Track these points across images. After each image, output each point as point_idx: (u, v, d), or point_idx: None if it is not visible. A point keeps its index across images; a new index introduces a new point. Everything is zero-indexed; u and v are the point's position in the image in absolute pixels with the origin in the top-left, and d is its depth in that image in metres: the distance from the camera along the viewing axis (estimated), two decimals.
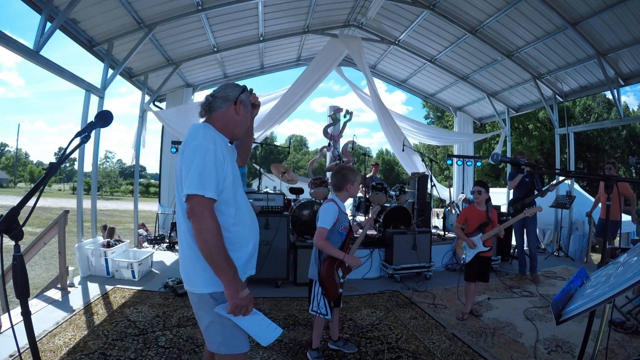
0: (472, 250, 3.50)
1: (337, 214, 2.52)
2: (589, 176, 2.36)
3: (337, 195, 2.65)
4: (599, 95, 26.31)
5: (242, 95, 1.67)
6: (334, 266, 2.52)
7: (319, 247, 2.50)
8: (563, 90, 7.23)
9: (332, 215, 2.49)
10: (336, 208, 2.54)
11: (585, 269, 1.66)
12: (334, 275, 2.52)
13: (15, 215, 1.15)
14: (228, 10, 5.74)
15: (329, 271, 2.51)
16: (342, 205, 2.62)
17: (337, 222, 2.52)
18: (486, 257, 3.57)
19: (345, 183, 2.61)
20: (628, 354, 2.85)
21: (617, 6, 4.82)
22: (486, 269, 3.62)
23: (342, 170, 2.67)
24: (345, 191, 2.63)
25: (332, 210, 2.52)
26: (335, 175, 2.70)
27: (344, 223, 2.60)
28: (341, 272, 2.57)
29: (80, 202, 5.01)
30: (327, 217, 2.49)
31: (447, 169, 22.89)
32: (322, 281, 2.50)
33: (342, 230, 2.58)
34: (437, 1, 6.09)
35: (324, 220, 2.48)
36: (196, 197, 1.41)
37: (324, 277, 2.50)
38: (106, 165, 42.34)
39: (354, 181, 2.61)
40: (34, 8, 3.98)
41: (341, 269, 2.57)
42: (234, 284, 1.42)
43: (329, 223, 2.47)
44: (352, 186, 2.61)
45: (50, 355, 2.61)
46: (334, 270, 2.52)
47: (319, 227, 2.48)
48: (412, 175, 6.94)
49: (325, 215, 2.49)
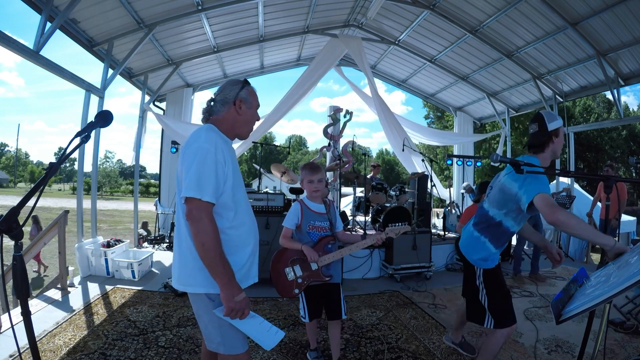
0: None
1: (299, 213, 2.47)
2: (589, 176, 2.35)
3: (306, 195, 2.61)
4: (599, 95, 26.34)
5: (241, 93, 1.65)
6: (288, 261, 2.40)
7: (281, 245, 2.48)
8: (563, 90, 7.24)
9: (293, 215, 2.48)
10: (298, 207, 2.50)
11: (585, 269, 1.66)
12: (286, 270, 2.38)
13: (15, 215, 1.15)
14: (228, 10, 5.74)
15: (279, 264, 2.41)
16: (311, 204, 2.52)
17: (303, 221, 2.47)
18: None
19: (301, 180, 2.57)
20: (628, 354, 2.85)
21: (617, 6, 4.83)
22: None
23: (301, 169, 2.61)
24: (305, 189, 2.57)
25: (293, 209, 2.51)
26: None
27: (312, 222, 2.49)
28: (299, 271, 2.39)
29: (80, 202, 5.01)
30: (287, 216, 2.50)
31: (447, 169, 22.89)
32: (270, 273, 2.41)
33: (312, 229, 2.49)
34: (437, 1, 6.10)
35: (286, 219, 2.50)
36: (194, 201, 1.41)
37: (271, 269, 2.41)
38: (106, 165, 42.38)
39: (302, 179, 2.54)
40: (34, 8, 3.99)
41: (300, 267, 2.40)
42: (229, 288, 1.43)
43: (288, 222, 2.47)
44: (305, 184, 2.52)
45: (50, 355, 2.61)
46: (288, 265, 2.39)
47: (283, 226, 2.50)
48: (412, 175, 6.94)
49: (287, 215, 2.51)
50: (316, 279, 2.43)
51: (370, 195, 6.30)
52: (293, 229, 2.48)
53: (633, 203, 24.61)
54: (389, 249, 5.01)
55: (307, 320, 2.53)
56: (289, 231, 2.48)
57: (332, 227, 2.54)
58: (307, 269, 2.41)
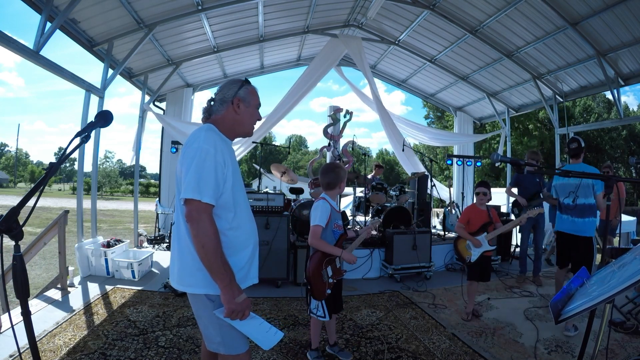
0: (477, 250, 3.51)
1: (330, 212, 2.50)
2: (589, 176, 2.38)
3: (328, 194, 2.61)
4: (599, 95, 26.35)
5: (239, 92, 1.64)
6: (322, 263, 2.46)
7: (313, 245, 2.47)
8: (563, 90, 7.23)
9: (325, 213, 2.47)
10: (328, 206, 2.51)
11: (586, 269, 1.66)
12: (322, 272, 2.45)
13: (15, 215, 1.15)
14: (228, 10, 5.73)
15: (317, 268, 2.45)
16: (333, 204, 2.58)
17: (330, 220, 2.50)
18: (487, 256, 3.59)
19: (339, 181, 2.59)
20: (628, 354, 2.85)
21: (617, 6, 4.82)
22: (487, 268, 3.65)
23: (335, 169, 2.62)
24: (337, 189, 2.61)
25: (325, 208, 2.49)
26: (327, 174, 2.62)
27: (336, 221, 2.56)
28: (330, 272, 2.48)
29: (80, 202, 5.01)
30: (320, 215, 2.46)
31: (447, 169, 22.91)
32: (309, 279, 2.45)
33: (335, 228, 2.55)
34: (437, 1, 6.09)
35: (318, 218, 2.45)
36: (194, 202, 1.41)
37: (311, 274, 2.44)
38: (106, 165, 42.34)
39: (344, 179, 2.61)
40: (34, 8, 3.98)
41: (331, 268, 2.49)
42: (230, 289, 1.42)
43: (322, 221, 2.45)
44: (343, 184, 2.60)
45: (50, 355, 2.61)
46: (323, 267, 2.46)
47: (313, 225, 2.45)
48: (412, 175, 6.94)
49: (319, 214, 2.47)
50: (339, 276, 2.56)
51: (370, 195, 6.30)
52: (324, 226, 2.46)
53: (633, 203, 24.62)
54: (389, 249, 5.01)
55: (327, 319, 2.57)
56: (320, 230, 2.44)
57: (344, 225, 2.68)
58: (335, 268, 2.50)
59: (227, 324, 1.48)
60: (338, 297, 2.67)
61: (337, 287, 2.65)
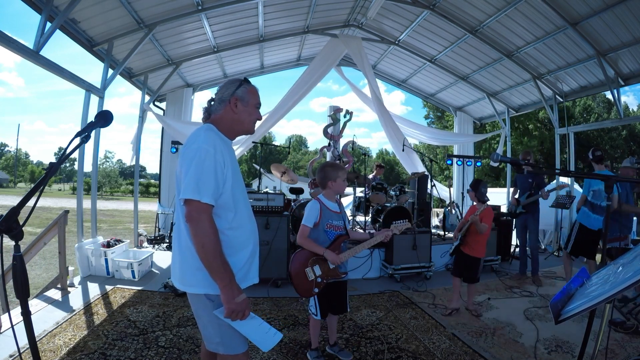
0: (454, 242, 3.78)
1: (319, 212, 2.49)
2: (588, 176, 2.39)
3: (324, 194, 2.63)
4: (599, 95, 26.34)
5: (237, 91, 1.64)
6: (307, 261, 2.45)
7: (299, 244, 2.49)
8: (563, 90, 7.23)
9: (313, 213, 2.49)
10: (318, 206, 2.52)
11: (586, 269, 1.66)
12: (306, 270, 2.44)
13: (15, 215, 1.15)
14: (228, 10, 5.73)
15: (300, 266, 2.44)
16: (328, 203, 2.57)
17: (321, 219, 2.49)
18: (468, 255, 3.64)
19: (327, 180, 2.58)
20: (628, 354, 2.85)
21: (617, 6, 4.82)
22: (468, 269, 3.67)
23: (324, 168, 2.63)
24: (328, 188, 2.60)
25: (314, 208, 2.51)
26: (318, 173, 2.67)
27: (330, 221, 2.54)
28: (318, 271, 2.45)
29: (80, 202, 5.01)
30: (307, 215, 2.49)
31: (447, 169, 22.91)
32: (290, 275, 2.45)
33: (329, 228, 2.53)
34: (437, 1, 6.09)
35: (305, 218, 2.49)
36: (193, 202, 1.41)
37: (292, 271, 2.44)
38: (106, 165, 42.34)
39: (336, 178, 2.57)
40: (34, 8, 3.98)
41: (319, 267, 2.45)
42: (229, 289, 1.42)
43: (309, 221, 2.48)
44: (334, 183, 2.57)
45: (50, 355, 2.61)
46: (308, 265, 2.44)
47: (301, 225, 2.49)
48: (412, 175, 6.94)
49: (306, 214, 2.50)
50: (334, 277, 2.50)
51: (370, 195, 6.30)
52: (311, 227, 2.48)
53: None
54: (389, 249, 5.01)
55: (318, 318, 2.56)
56: (307, 230, 2.48)
57: (346, 226, 2.62)
58: (325, 267, 2.47)
59: (226, 323, 1.48)
60: (338, 298, 2.63)
61: (338, 288, 2.60)
